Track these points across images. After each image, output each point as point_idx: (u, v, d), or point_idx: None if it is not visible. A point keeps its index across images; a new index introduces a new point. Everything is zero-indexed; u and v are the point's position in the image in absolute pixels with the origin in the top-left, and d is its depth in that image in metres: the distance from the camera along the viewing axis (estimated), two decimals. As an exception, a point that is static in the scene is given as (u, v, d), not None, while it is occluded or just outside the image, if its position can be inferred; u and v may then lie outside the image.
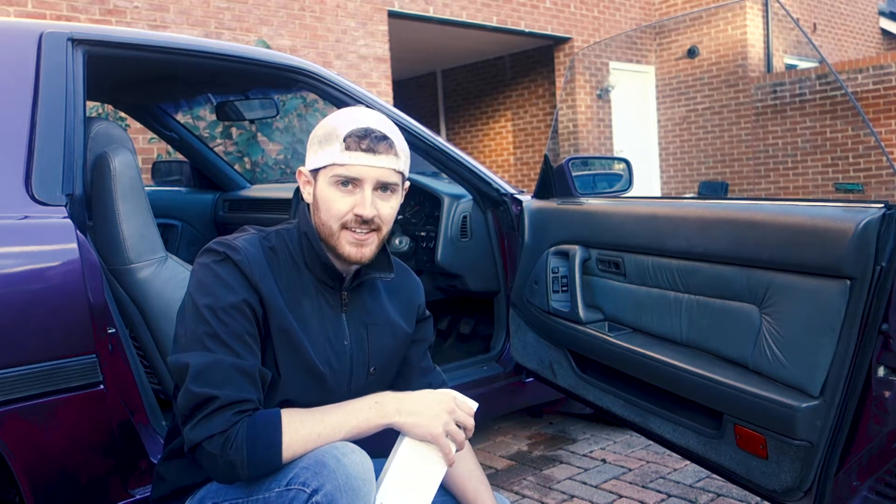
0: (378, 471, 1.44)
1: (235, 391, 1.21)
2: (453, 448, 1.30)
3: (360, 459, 1.22)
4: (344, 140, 1.30)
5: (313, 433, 1.22)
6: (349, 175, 1.30)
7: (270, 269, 1.33)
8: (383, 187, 1.34)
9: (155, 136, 3.67)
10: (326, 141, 1.32)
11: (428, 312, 1.58)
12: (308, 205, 1.40)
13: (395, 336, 1.47)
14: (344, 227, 1.32)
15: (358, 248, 1.33)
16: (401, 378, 1.52)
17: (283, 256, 1.37)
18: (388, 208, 1.35)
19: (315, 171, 1.35)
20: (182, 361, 1.24)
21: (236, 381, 1.22)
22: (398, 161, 1.34)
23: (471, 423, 1.33)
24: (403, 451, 1.28)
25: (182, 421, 1.25)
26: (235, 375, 1.22)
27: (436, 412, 1.28)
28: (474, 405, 1.36)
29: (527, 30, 9.15)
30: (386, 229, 1.36)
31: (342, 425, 1.25)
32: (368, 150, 1.30)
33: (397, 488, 1.26)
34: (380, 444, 1.32)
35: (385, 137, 1.32)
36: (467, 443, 1.47)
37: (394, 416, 1.27)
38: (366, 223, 1.32)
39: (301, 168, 1.39)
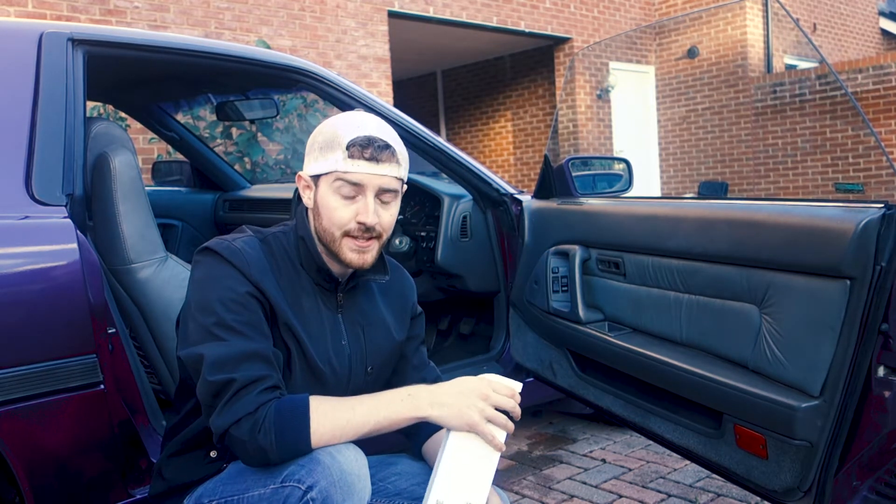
0: (373, 467, 1.44)
1: (251, 371, 1.22)
2: (500, 434, 1.26)
3: (355, 455, 1.22)
4: (347, 148, 1.30)
5: (342, 419, 1.21)
6: (350, 181, 1.31)
7: (271, 269, 1.33)
8: (384, 194, 1.34)
9: (155, 136, 3.67)
10: (328, 148, 1.32)
11: (419, 309, 1.59)
12: (306, 209, 1.40)
13: (389, 335, 1.48)
14: (346, 234, 1.33)
15: (360, 254, 1.34)
16: (395, 374, 1.53)
17: (281, 258, 1.37)
18: (388, 215, 1.36)
19: (316, 177, 1.35)
20: (195, 353, 1.24)
21: (251, 363, 1.23)
22: (399, 169, 1.35)
23: (511, 404, 1.28)
24: (451, 445, 1.25)
25: (206, 412, 1.26)
26: (249, 358, 1.23)
27: (469, 401, 1.25)
28: (517, 385, 1.30)
29: (527, 30, 9.15)
30: (386, 236, 1.37)
31: (372, 415, 1.23)
32: (372, 158, 1.30)
33: (451, 483, 1.23)
34: (378, 442, 1.31)
35: (387, 146, 1.32)
36: None
37: (427, 409, 1.25)
38: (368, 230, 1.33)
39: (300, 172, 1.38)
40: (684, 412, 1.83)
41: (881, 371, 1.44)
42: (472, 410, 1.24)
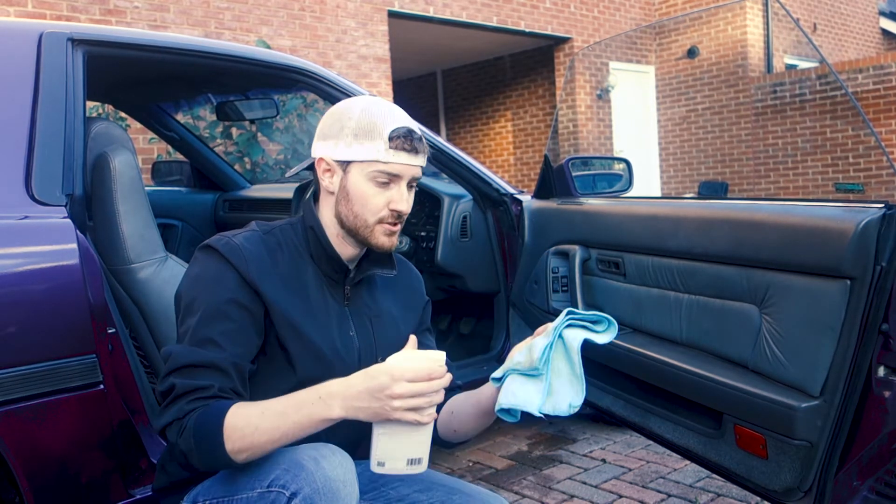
0: (360, 473, 1.43)
1: (197, 380, 1.22)
2: (423, 414, 1.18)
3: (340, 461, 1.21)
4: (390, 139, 1.32)
5: (251, 427, 1.17)
6: (390, 172, 1.34)
7: (274, 263, 1.34)
8: (411, 183, 1.38)
9: (155, 136, 3.67)
10: (366, 136, 1.32)
11: (427, 297, 1.61)
12: (314, 199, 1.41)
13: (397, 327, 1.49)
14: (380, 221, 1.36)
15: (390, 237, 1.39)
16: None
17: (289, 251, 1.38)
18: (411, 202, 1.40)
19: (346, 163, 1.35)
20: (167, 352, 1.27)
21: (205, 371, 1.23)
22: (425, 159, 1.40)
23: (424, 389, 1.16)
24: (376, 427, 1.21)
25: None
26: (206, 367, 1.23)
27: (380, 403, 1.16)
28: (433, 362, 1.19)
29: (527, 30, 9.15)
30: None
31: (282, 420, 1.18)
32: (412, 150, 1.34)
33: (388, 447, 1.20)
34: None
35: (421, 137, 1.36)
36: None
37: (339, 412, 1.18)
38: (399, 216, 1.37)
39: (322, 155, 1.37)
40: (684, 412, 1.83)
41: (881, 371, 1.44)
42: (385, 410, 1.17)
